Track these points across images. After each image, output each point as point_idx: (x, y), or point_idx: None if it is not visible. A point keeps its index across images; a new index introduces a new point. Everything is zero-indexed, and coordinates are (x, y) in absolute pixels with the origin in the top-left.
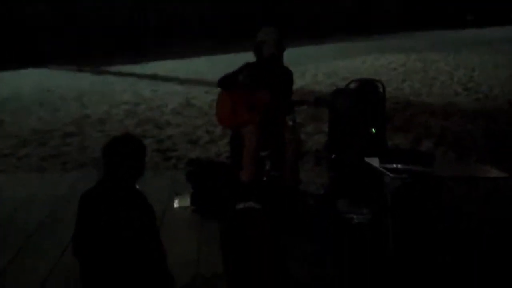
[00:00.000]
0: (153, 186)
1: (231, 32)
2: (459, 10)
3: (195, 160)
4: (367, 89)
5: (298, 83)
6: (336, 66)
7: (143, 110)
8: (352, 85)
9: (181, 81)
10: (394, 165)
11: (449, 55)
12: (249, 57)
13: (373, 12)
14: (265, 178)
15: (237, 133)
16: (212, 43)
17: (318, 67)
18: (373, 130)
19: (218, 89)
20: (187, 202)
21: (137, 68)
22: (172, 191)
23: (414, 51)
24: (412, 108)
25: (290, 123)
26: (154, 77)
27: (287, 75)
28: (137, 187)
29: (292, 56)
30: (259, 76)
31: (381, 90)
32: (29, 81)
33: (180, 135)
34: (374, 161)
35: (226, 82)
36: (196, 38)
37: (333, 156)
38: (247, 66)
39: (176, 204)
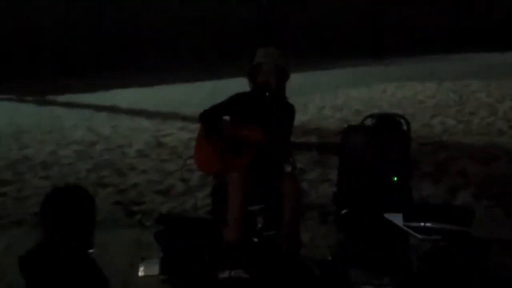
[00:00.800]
0: (112, 249)
1: (217, 52)
2: (505, 27)
3: (166, 216)
4: (387, 127)
5: (300, 118)
6: (347, 96)
7: (100, 152)
8: (368, 122)
9: (150, 115)
10: (422, 224)
11: (491, 84)
12: (241, 84)
13: (394, 28)
14: (256, 239)
15: (221, 181)
16: (191, 65)
17: (325, 97)
18: (395, 178)
19: (197, 125)
20: (155, 269)
21: (93, 98)
22: (136, 255)
23: (447, 78)
24: (445, 151)
25: (289, 169)
26: (114, 109)
27: (288, 111)
28: (91, 251)
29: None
30: (251, 110)
31: (404, 127)
32: None
33: (148, 183)
34: (397, 218)
35: (213, 122)
36: (170, 58)
37: (344, 211)
38: (236, 97)
39: (141, 273)
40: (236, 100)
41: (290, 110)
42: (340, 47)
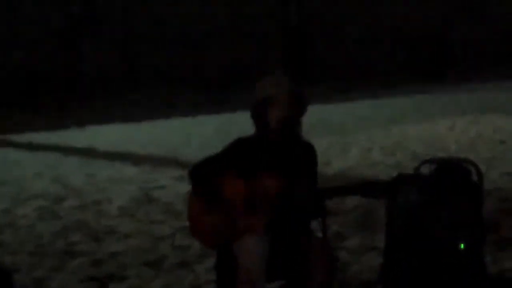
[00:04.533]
0: None
1: (227, 78)
2: None
3: None
4: (452, 176)
5: (337, 164)
6: (403, 135)
7: (69, 209)
8: (426, 169)
9: (136, 160)
10: None
11: None
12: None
13: (466, 45)
14: None
15: (227, 250)
16: (192, 95)
17: (373, 136)
18: (462, 245)
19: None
20: None
21: (61, 138)
22: None
23: None
24: None
25: (318, 233)
26: (89, 153)
27: (308, 153)
28: None
29: (328, 118)
30: (261, 161)
31: (475, 177)
32: None
33: (132, 252)
34: None
35: (203, 181)
36: (164, 86)
37: None
38: (239, 144)
39: None
40: (238, 147)
41: (310, 152)
42: (394, 70)
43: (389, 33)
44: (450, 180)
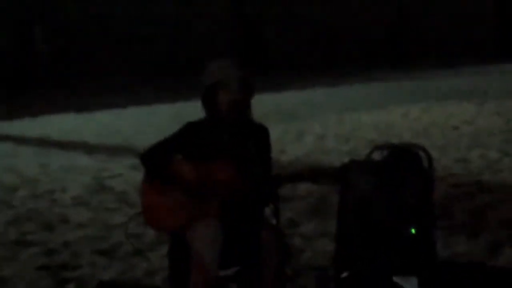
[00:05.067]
0: None
1: (181, 63)
2: None
3: (109, 285)
4: (403, 162)
5: (292, 151)
6: (357, 122)
7: (22, 199)
8: (378, 155)
9: (90, 149)
10: None
11: None
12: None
13: (420, 32)
14: None
15: (180, 237)
16: (146, 83)
17: (328, 123)
18: (412, 230)
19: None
20: None
21: (14, 127)
22: None
23: (490, 97)
24: (486, 194)
25: (272, 219)
26: (43, 142)
27: (261, 136)
28: None
29: (283, 106)
30: (212, 145)
31: (426, 163)
32: None
33: (86, 240)
34: (411, 283)
35: (156, 165)
36: (119, 73)
37: (344, 274)
38: (189, 128)
39: None
40: (189, 132)
41: (264, 134)
42: (348, 57)
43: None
44: (400, 166)
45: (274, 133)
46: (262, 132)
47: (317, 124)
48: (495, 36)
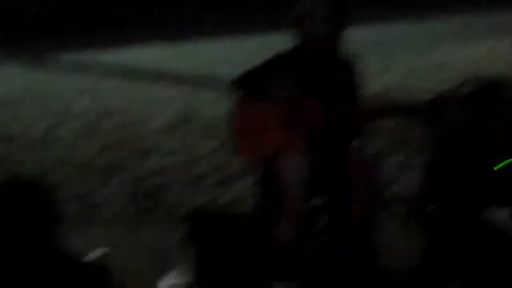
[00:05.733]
0: (124, 256)
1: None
2: None
3: (198, 212)
4: (491, 95)
5: (378, 84)
6: (445, 56)
7: (111, 127)
8: (466, 89)
9: (176, 80)
10: None
11: None
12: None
13: None
14: (317, 245)
15: (269, 168)
16: (227, 17)
17: (414, 58)
18: (501, 163)
19: (235, 95)
20: (182, 285)
21: (102, 56)
22: (157, 266)
23: None
24: None
25: (360, 153)
26: (130, 73)
27: (349, 71)
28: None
29: (367, 40)
30: (303, 78)
31: None
32: None
33: (174, 168)
34: (504, 216)
35: (250, 86)
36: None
37: (432, 207)
38: (279, 60)
39: (164, 286)
40: (277, 63)
41: (351, 71)
42: None
43: None
44: (490, 98)
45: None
46: (350, 67)
47: (402, 59)
48: None
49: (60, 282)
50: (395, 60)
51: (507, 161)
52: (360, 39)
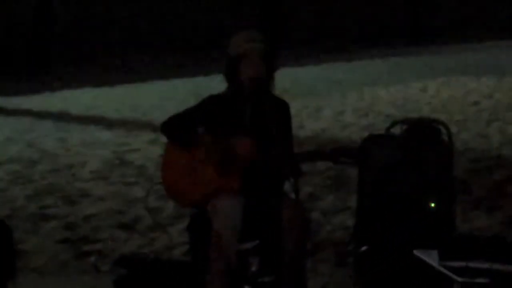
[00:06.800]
0: None
1: (199, 39)
2: None
3: (130, 258)
4: (422, 136)
5: (311, 126)
6: (375, 97)
7: (42, 173)
8: (398, 130)
9: (109, 124)
10: (465, 263)
11: None
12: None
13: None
14: None
15: (201, 211)
16: (166, 58)
17: (346, 98)
18: (432, 204)
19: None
20: None
21: (34, 102)
22: None
23: (508, 71)
24: (504, 169)
25: (292, 194)
26: (62, 117)
27: (282, 111)
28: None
29: (301, 81)
30: (233, 118)
31: (446, 137)
32: None
33: (106, 214)
34: (431, 256)
35: (177, 131)
36: (138, 49)
37: (364, 248)
38: (210, 101)
39: None
40: (210, 104)
41: (284, 110)
42: (366, 32)
43: None
44: (420, 140)
45: (293, 108)
46: (283, 107)
47: (335, 99)
48: None
49: None
50: (326, 101)
51: (433, 204)
52: (294, 79)
